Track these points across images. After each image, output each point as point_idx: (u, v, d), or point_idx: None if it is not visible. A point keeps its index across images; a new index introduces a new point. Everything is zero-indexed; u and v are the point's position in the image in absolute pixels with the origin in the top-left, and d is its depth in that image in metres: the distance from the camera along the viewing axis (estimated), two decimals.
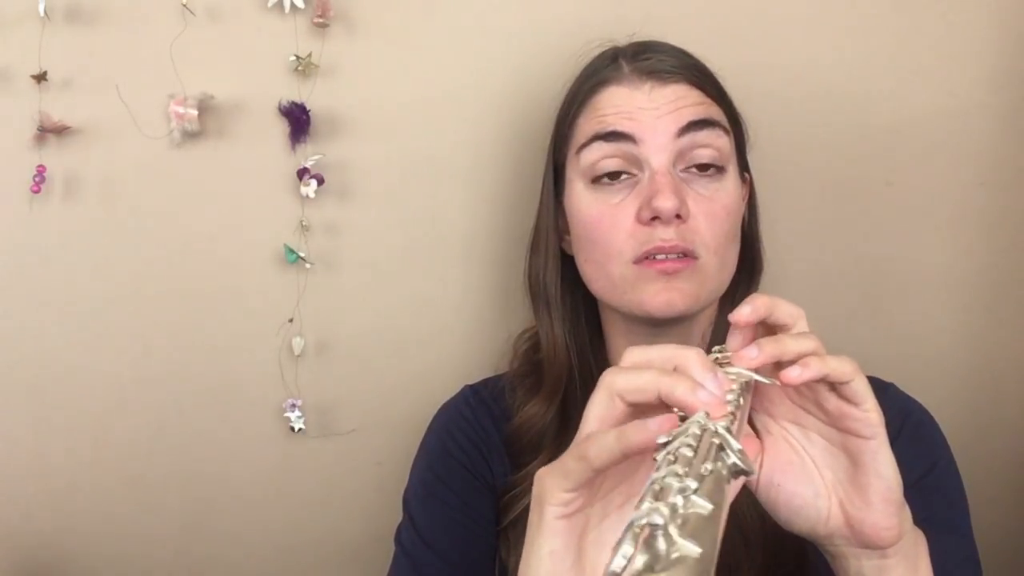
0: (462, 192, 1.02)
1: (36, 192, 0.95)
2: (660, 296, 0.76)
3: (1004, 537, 1.11)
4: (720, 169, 0.79)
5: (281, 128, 0.98)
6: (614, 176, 0.78)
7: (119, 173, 0.98)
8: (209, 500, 1.05)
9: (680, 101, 0.78)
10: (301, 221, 0.99)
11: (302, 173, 0.97)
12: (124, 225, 0.99)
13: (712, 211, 0.77)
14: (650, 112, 0.77)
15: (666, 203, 0.74)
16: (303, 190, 0.97)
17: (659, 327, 0.80)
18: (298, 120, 0.96)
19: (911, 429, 0.80)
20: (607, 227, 0.78)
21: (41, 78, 0.93)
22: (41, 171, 0.95)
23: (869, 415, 0.56)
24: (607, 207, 0.78)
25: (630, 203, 0.77)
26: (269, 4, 0.94)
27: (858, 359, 0.89)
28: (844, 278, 1.06)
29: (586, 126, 0.80)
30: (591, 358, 0.86)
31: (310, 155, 0.98)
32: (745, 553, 0.75)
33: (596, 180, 0.79)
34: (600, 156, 0.78)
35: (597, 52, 0.86)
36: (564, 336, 0.86)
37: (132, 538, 1.05)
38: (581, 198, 0.81)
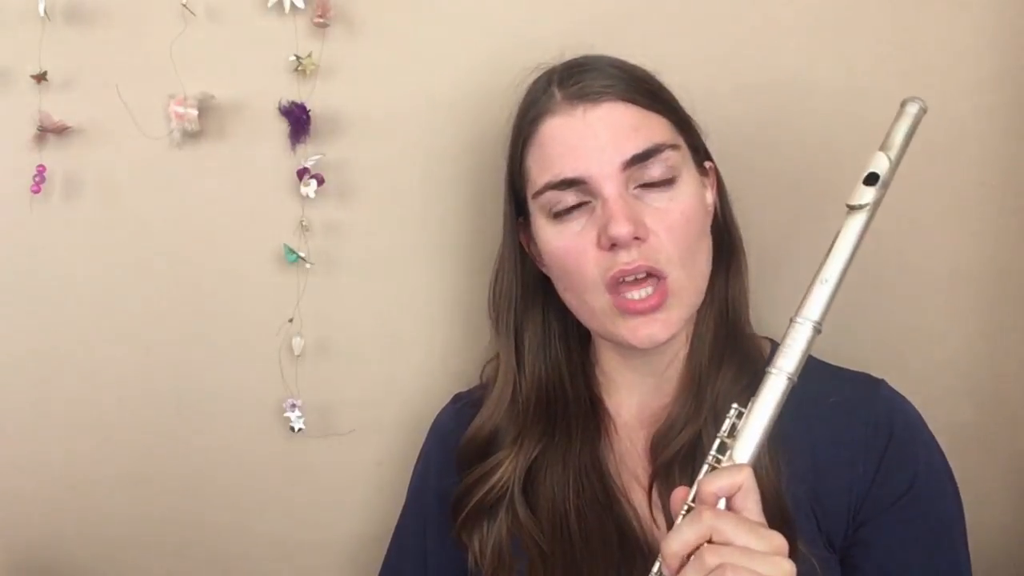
0: (462, 192, 1.02)
1: (36, 192, 0.95)
2: (641, 331, 0.77)
3: (1004, 537, 1.11)
4: (671, 180, 0.78)
5: (281, 128, 0.98)
6: (570, 208, 0.79)
7: (119, 173, 0.98)
8: (209, 500, 1.05)
9: (617, 126, 0.78)
10: (301, 221, 0.99)
11: (302, 173, 0.97)
12: (124, 225, 0.99)
13: (671, 223, 0.77)
14: (591, 143, 0.77)
15: (620, 230, 0.75)
16: (303, 190, 0.97)
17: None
18: (298, 120, 0.96)
19: (895, 449, 0.80)
20: (574, 258, 0.79)
21: (41, 78, 0.93)
22: (41, 171, 0.95)
23: None
24: (570, 237, 0.79)
25: (589, 230, 0.78)
26: (269, 4, 0.94)
27: (858, 359, 0.90)
28: (843, 278, 1.06)
29: (538, 171, 0.81)
30: (563, 376, 0.87)
31: (310, 155, 0.98)
32: None
33: (556, 216, 0.80)
34: (555, 200, 0.79)
35: (532, 78, 0.86)
36: (528, 359, 0.87)
37: (132, 537, 1.05)
38: (546, 231, 0.81)
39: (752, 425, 0.65)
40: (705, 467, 0.66)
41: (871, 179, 0.71)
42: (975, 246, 1.07)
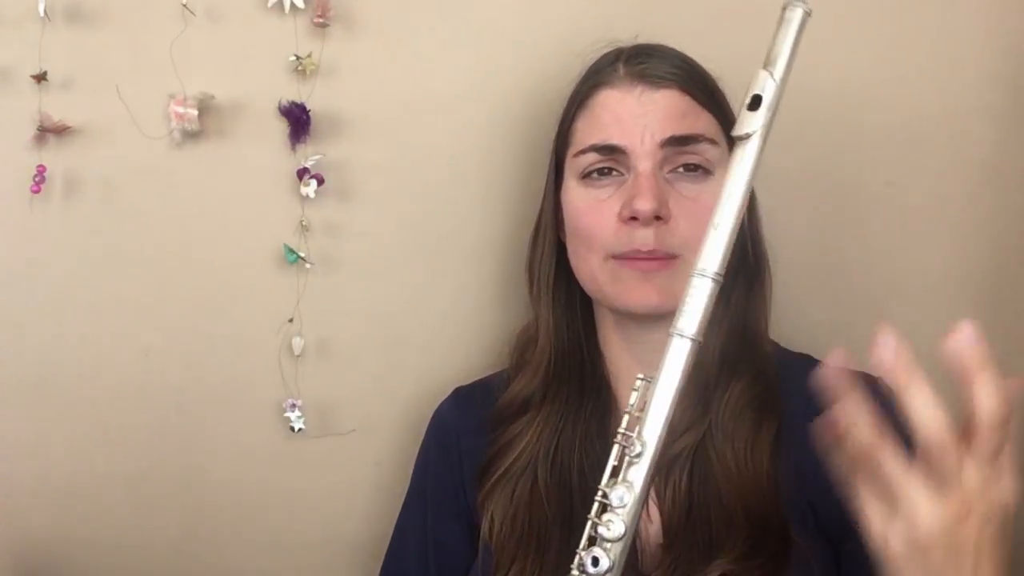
0: (462, 192, 1.02)
1: (36, 192, 0.95)
2: (636, 292, 0.79)
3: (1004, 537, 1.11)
4: (707, 171, 0.81)
5: (281, 128, 0.98)
6: (603, 172, 0.81)
7: (119, 173, 0.98)
8: (209, 499, 1.05)
9: (669, 110, 0.80)
10: (301, 221, 0.99)
11: (302, 173, 0.97)
12: (124, 225, 0.99)
13: (695, 211, 0.78)
14: (639, 119, 0.80)
15: (644, 205, 0.76)
16: (303, 190, 0.97)
17: (644, 323, 0.82)
18: (298, 120, 0.96)
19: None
20: (591, 220, 0.81)
21: (41, 78, 0.93)
22: (41, 171, 0.95)
23: None
24: (594, 202, 0.81)
25: (615, 200, 0.80)
26: (269, 4, 0.94)
27: (858, 359, 0.89)
28: (844, 278, 1.06)
29: (583, 132, 0.83)
30: (582, 344, 0.88)
31: (310, 155, 0.98)
32: (727, 535, 0.76)
33: (586, 176, 0.82)
34: (593, 161, 0.82)
35: (602, 52, 0.87)
36: (553, 322, 0.88)
37: (132, 538, 1.05)
38: (572, 193, 0.84)
39: (661, 395, 0.60)
40: (615, 447, 0.62)
41: (755, 103, 0.62)
42: (975, 246, 1.07)
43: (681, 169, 0.80)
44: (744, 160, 0.60)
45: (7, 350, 1.00)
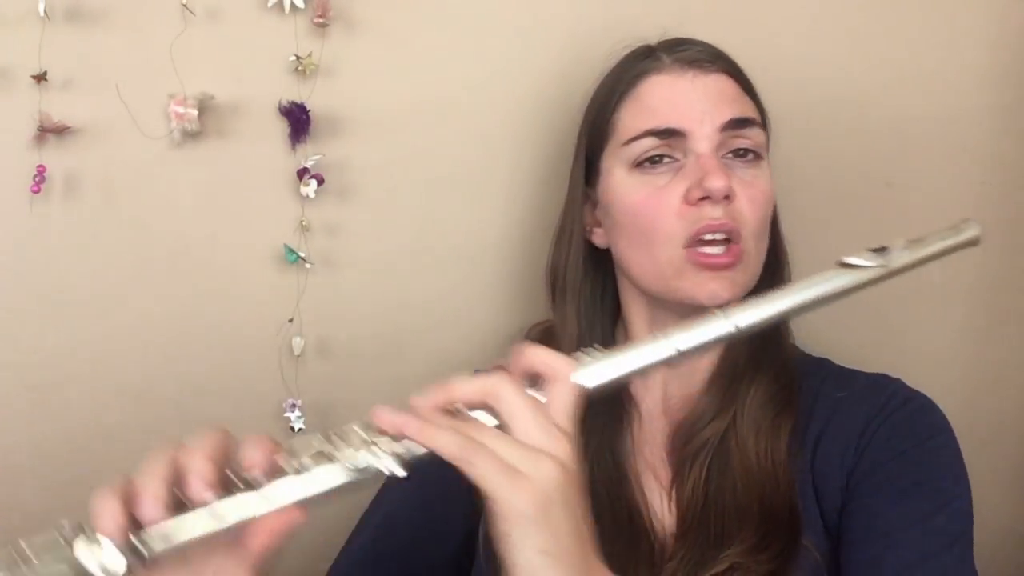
0: (462, 192, 1.02)
1: (36, 192, 0.95)
2: (707, 285, 0.77)
3: (1005, 538, 1.11)
4: (758, 156, 0.81)
5: (281, 128, 0.98)
6: (656, 160, 0.80)
7: (119, 173, 0.98)
8: None
9: (722, 93, 0.80)
10: (301, 221, 0.99)
11: (302, 173, 0.97)
12: (124, 225, 0.99)
13: (753, 195, 0.79)
14: (696, 103, 0.79)
15: (718, 183, 0.76)
16: (303, 190, 0.97)
17: (685, 317, 0.81)
18: (298, 120, 0.96)
19: (907, 411, 0.80)
20: (654, 209, 0.79)
21: (41, 78, 0.93)
22: (41, 171, 0.95)
23: (489, 510, 0.54)
24: (653, 189, 0.79)
25: (676, 185, 0.79)
26: (269, 4, 0.94)
27: (859, 359, 0.90)
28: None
29: (633, 120, 0.82)
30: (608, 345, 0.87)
31: (310, 155, 0.98)
32: (740, 527, 0.76)
33: (639, 164, 0.80)
34: (649, 147, 0.80)
35: (625, 51, 0.87)
36: (584, 324, 0.87)
37: None
38: (623, 184, 0.82)
39: (652, 352, 0.61)
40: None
41: (880, 249, 0.67)
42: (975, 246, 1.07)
43: (731, 155, 0.80)
44: (833, 280, 0.64)
45: (7, 350, 1.00)
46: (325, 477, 0.57)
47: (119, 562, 0.53)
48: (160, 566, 0.55)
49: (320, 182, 0.97)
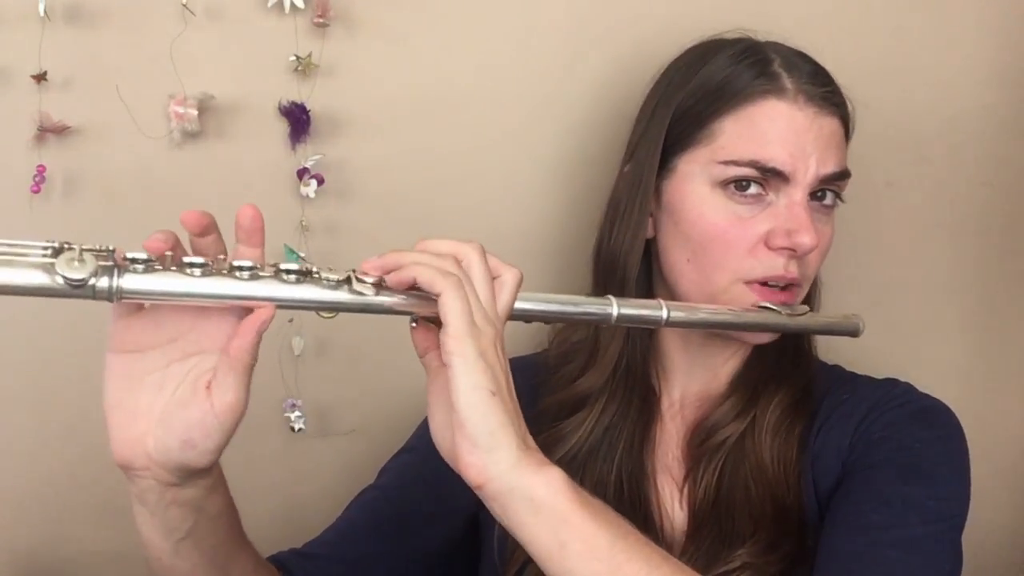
0: (462, 192, 1.02)
1: (36, 192, 0.95)
2: None
3: (1004, 537, 1.11)
4: (835, 207, 0.81)
5: (281, 128, 0.98)
6: (745, 186, 0.77)
7: (119, 173, 0.98)
8: None
9: (831, 140, 0.78)
10: (301, 221, 0.99)
11: (302, 173, 0.97)
12: (124, 225, 0.99)
13: (823, 247, 0.79)
14: (808, 146, 0.76)
15: (809, 241, 0.75)
16: (303, 190, 0.97)
17: (716, 338, 0.82)
18: (298, 120, 0.96)
19: (913, 407, 0.80)
20: (730, 239, 0.77)
21: (41, 78, 0.93)
22: (41, 171, 0.95)
23: (445, 339, 0.59)
24: (736, 219, 0.77)
25: (760, 223, 0.77)
26: (269, 4, 0.94)
27: (859, 359, 0.90)
28: (844, 278, 1.06)
29: (739, 140, 0.77)
30: (648, 348, 0.86)
31: (310, 155, 0.98)
32: (751, 528, 0.77)
33: (727, 186, 0.77)
34: (747, 176, 0.77)
35: (705, 40, 0.85)
36: None
37: (131, 538, 1.04)
38: (703, 200, 0.78)
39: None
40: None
41: (772, 310, 0.77)
42: (975, 246, 1.07)
43: (815, 199, 0.78)
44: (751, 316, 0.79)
45: (6, 349, 1.00)
46: (306, 290, 0.65)
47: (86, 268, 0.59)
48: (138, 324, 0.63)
49: (320, 182, 0.97)
